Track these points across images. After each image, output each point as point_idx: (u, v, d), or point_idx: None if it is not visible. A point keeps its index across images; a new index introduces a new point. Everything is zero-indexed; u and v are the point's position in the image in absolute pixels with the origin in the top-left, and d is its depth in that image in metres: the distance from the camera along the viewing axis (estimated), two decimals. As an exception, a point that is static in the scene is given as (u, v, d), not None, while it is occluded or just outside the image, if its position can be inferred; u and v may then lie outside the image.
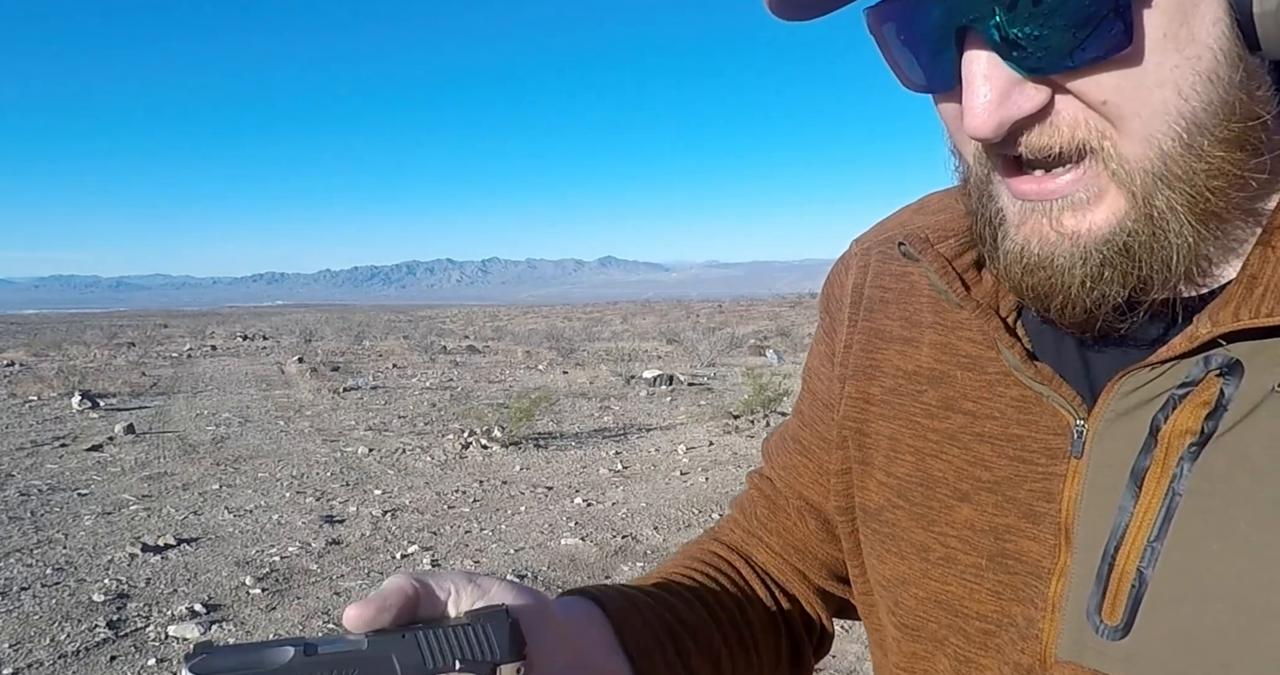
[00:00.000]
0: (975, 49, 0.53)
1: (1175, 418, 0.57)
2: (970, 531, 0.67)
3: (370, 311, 65.56)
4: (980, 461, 0.67)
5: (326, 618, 4.61)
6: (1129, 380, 0.59)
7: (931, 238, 0.72)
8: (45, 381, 13.78)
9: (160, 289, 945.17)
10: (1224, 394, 0.56)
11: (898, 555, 0.73)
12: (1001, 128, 0.53)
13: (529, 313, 57.75)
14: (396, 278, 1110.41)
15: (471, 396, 12.79)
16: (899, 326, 0.76)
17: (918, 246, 0.71)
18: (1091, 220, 0.55)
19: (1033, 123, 0.54)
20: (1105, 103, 0.52)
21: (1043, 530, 0.63)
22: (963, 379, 0.70)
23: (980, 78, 0.53)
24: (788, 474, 0.88)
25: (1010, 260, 0.59)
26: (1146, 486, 0.58)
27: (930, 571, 0.70)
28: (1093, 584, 0.59)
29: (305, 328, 33.69)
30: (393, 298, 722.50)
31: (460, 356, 20.70)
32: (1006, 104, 0.53)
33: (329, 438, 9.69)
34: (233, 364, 19.27)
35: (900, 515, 0.73)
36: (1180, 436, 0.57)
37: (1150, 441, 0.58)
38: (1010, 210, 0.59)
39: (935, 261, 0.69)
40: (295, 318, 50.28)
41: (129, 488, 7.35)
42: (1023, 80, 0.52)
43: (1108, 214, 0.54)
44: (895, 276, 0.79)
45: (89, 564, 5.42)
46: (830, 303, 0.86)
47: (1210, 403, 0.56)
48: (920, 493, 0.71)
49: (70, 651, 4.19)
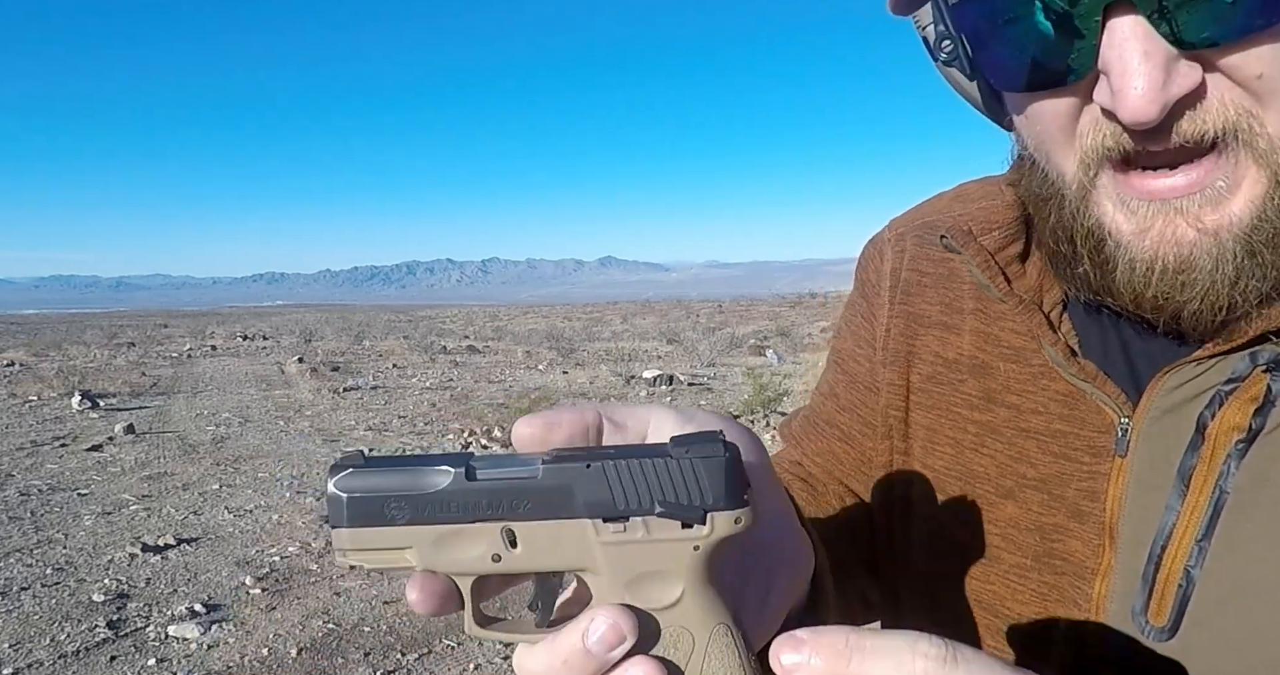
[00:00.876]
0: (1129, 23, 0.48)
1: (1222, 414, 0.56)
2: (1014, 530, 0.66)
3: (370, 311, 65.53)
4: (1024, 458, 0.66)
5: (326, 617, 4.61)
6: (1173, 376, 0.58)
7: (974, 229, 0.69)
8: (45, 381, 13.77)
9: (160, 289, 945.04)
10: (1271, 390, 0.55)
11: (935, 553, 0.71)
12: (1165, 109, 0.48)
13: (529, 313, 57.71)
14: (396, 278, 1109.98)
15: (471, 396, 12.78)
16: (938, 311, 0.74)
17: (960, 239, 0.68)
18: (1232, 211, 0.52)
19: (1185, 107, 0.50)
20: (1260, 76, 0.49)
21: (1088, 530, 0.62)
22: (1005, 371, 0.68)
23: (1139, 56, 0.48)
24: (826, 461, 0.84)
25: (1137, 271, 0.55)
26: (1194, 485, 0.57)
27: (971, 570, 0.68)
28: (1138, 585, 0.58)
29: (305, 328, 33.66)
30: (393, 298, 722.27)
31: (460, 356, 20.68)
32: (1169, 83, 0.48)
33: (329, 438, 9.68)
34: (233, 364, 19.25)
35: (937, 510, 0.71)
36: (1227, 433, 0.56)
37: (1197, 439, 0.57)
38: (1120, 218, 0.55)
39: (978, 254, 0.67)
40: (295, 318, 50.24)
41: (129, 488, 7.34)
42: (1177, 57, 0.48)
43: (1247, 201, 0.51)
44: (933, 261, 0.76)
45: (89, 564, 5.42)
46: (867, 287, 0.83)
47: (1258, 399, 0.55)
48: (958, 487, 0.69)
49: (70, 651, 4.18)
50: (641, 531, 0.42)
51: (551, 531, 0.43)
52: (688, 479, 0.42)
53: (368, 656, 4.15)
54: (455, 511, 0.43)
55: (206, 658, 4.15)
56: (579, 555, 0.43)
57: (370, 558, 0.43)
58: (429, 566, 0.43)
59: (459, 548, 0.43)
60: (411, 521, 0.43)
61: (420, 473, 0.43)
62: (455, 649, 4.26)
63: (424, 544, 0.43)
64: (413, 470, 0.43)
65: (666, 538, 0.42)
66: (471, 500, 0.42)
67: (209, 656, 4.17)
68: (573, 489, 0.42)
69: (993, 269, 0.67)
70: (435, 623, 4.54)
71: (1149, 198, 0.53)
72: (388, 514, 0.43)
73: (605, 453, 0.43)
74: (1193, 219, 0.52)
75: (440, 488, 0.42)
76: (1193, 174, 0.52)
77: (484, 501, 0.42)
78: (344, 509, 0.43)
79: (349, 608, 4.76)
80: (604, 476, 0.42)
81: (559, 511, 0.42)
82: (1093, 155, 0.54)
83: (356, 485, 0.43)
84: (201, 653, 4.21)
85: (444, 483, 0.42)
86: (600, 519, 0.42)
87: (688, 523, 0.42)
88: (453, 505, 0.42)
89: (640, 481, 0.42)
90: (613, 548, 0.42)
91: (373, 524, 0.43)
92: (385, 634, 4.42)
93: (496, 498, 0.42)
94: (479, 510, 0.43)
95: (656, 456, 0.42)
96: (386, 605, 4.78)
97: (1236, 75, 0.49)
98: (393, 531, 0.43)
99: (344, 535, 0.43)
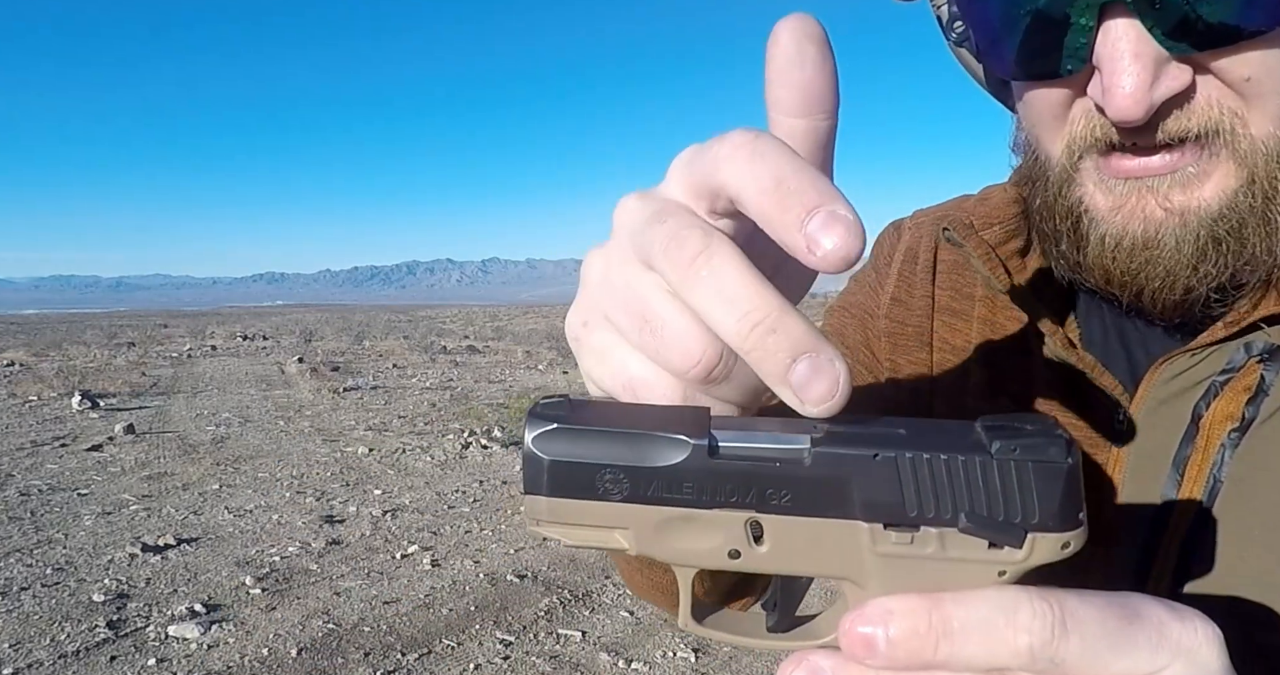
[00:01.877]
0: (1122, 25, 0.49)
1: (1216, 404, 0.57)
2: None
3: (370, 311, 65.56)
4: None
5: (326, 617, 4.60)
6: (1169, 367, 0.59)
7: (976, 224, 0.71)
8: (45, 381, 13.77)
9: (160, 289, 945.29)
10: (1264, 380, 0.56)
11: None
12: (1151, 110, 0.50)
13: (529, 313, 57.71)
14: (396, 278, 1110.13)
15: (471, 396, 12.78)
16: (949, 298, 0.75)
17: (962, 232, 0.70)
18: (1201, 196, 0.53)
19: (1173, 107, 0.51)
20: (1249, 79, 0.50)
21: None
22: (1009, 361, 0.69)
23: (1130, 55, 0.49)
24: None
25: (1106, 245, 0.56)
26: (1188, 474, 0.57)
27: None
28: (1133, 576, 0.59)
29: (305, 328, 33.67)
30: (393, 298, 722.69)
31: (460, 356, 20.68)
32: (1157, 84, 0.49)
33: (329, 438, 9.68)
34: (233, 364, 19.25)
35: None
36: (1221, 423, 0.57)
37: (1192, 429, 0.58)
38: (1099, 196, 0.56)
39: (979, 247, 0.69)
40: (295, 318, 50.26)
41: (129, 488, 7.34)
42: (1168, 59, 0.49)
43: (1217, 190, 0.52)
44: (947, 249, 0.78)
45: (89, 564, 5.41)
46: (879, 261, 0.84)
47: (1251, 388, 0.56)
48: None
49: (70, 651, 4.18)
50: (934, 546, 0.33)
51: (812, 531, 0.34)
52: (1007, 486, 0.32)
53: (368, 656, 4.15)
54: (690, 494, 0.34)
55: (206, 658, 4.15)
56: (843, 563, 0.34)
57: (571, 533, 0.36)
58: (645, 552, 0.35)
59: (688, 536, 0.35)
60: (630, 499, 0.34)
61: (649, 441, 0.34)
62: (455, 649, 4.26)
63: (643, 526, 0.35)
64: (639, 436, 0.34)
65: (966, 557, 0.33)
66: (713, 483, 0.33)
67: (209, 656, 4.16)
68: (850, 483, 0.33)
69: (993, 261, 0.68)
70: (435, 623, 4.55)
71: (1125, 176, 0.55)
72: (600, 487, 0.34)
73: (897, 437, 0.33)
74: (1162, 198, 0.53)
75: (674, 463, 0.33)
76: (1170, 158, 0.53)
77: (729, 486, 0.33)
78: (543, 474, 0.34)
79: (349, 608, 4.75)
80: (895, 472, 0.33)
81: (828, 508, 0.33)
82: (1080, 143, 0.56)
83: (562, 448, 0.34)
84: (201, 653, 4.21)
85: (679, 457, 0.33)
86: (881, 524, 0.33)
87: (999, 544, 0.33)
88: (688, 486, 0.34)
89: (943, 483, 0.33)
90: (892, 561, 0.34)
91: (580, 496, 0.34)
92: (385, 634, 4.42)
93: (747, 483, 0.33)
94: (721, 496, 0.34)
95: (970, 453, 0.33)
96: (386, 605, 4.78)
97: (1225, 77, 0.50)
98: (605, 507, 0.34)
99: (540, 504, 0.35)
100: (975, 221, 0.71)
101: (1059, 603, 0.32)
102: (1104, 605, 0.33)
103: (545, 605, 4.76)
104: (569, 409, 0.35)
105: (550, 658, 4.16)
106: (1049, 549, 0.33)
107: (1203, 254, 0.53)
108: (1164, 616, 0.33)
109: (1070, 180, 0.58)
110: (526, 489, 0.35)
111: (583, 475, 0.34)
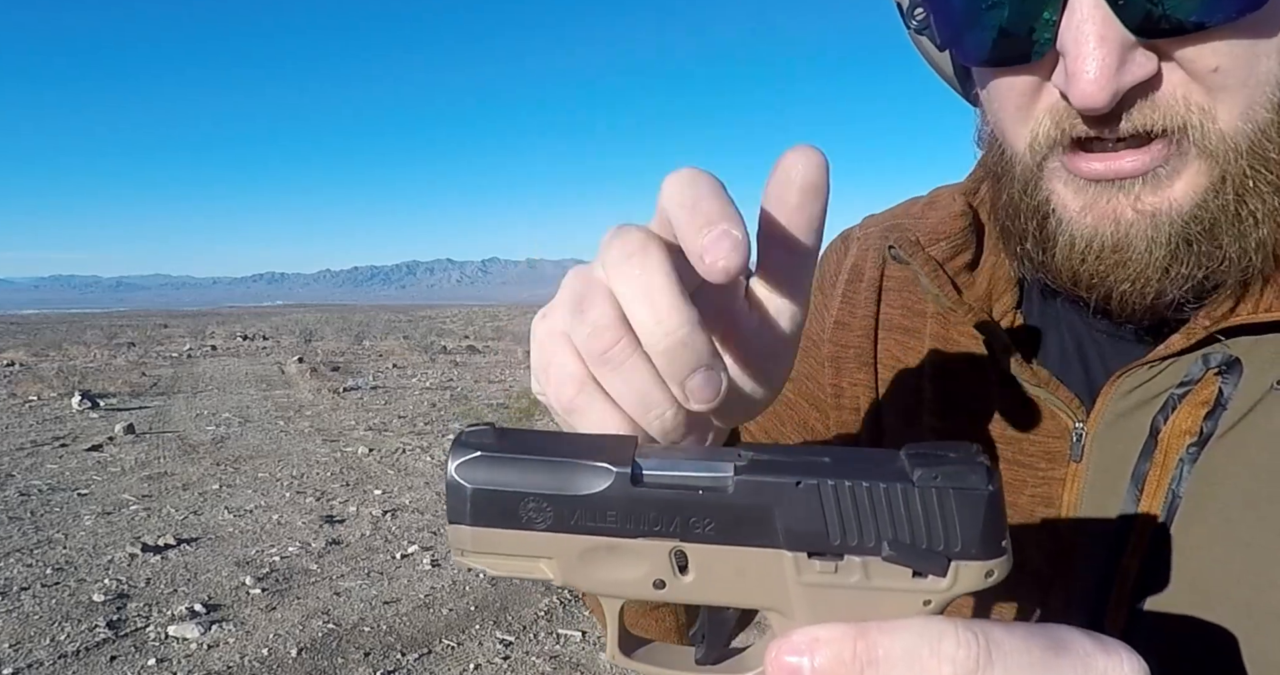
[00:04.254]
0: (1088, 6, 0.48)
1: (1174, 418, 0.56)
2: None
3: (370, 311, 65.54)
4: None
5: (326, 617, 4.60)
6: (1127, 380, 0.58)
7: (922, 240, 0.70)
8: (45, 381, 13.77)
9: (160, 289, 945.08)
10: (1222, 393, 0.55)
11: None
12: (1116, 97, 0.49)
13: (529, 313, 57.64)
14: (396, 278, 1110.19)
15: (471, 396, 12.77)
16: (899, 314, 0.74)
17: (908, 249, 0.69)
18: (1173, 196, 0.52)
19: (1138, 95, 0.50)
20: (1216, 70, 0.49)
21: (1043, 537, 0.62)
22: (962, 377, 0.68)
23: (1095, 39, 0.48)
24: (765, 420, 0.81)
25: (1075, 248, 0.55)
26: (1147, 489, 0.57)
27: None
28: (1093, 593, 0.58)
29: (305, 328, 33.65)
30: (393, 298, 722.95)
31: (460, 356, 20.68)
32: (1123, 70, 0.48)
33: (329, 438, 9.68)
34: (232, 364, 19.25)
35: None
36: (1179, 437, 0.56)
37: (1150, 443, 0.57)
38: (1068, 197, 0.55)
39: (926, 264, 0.67)
40: (295, 318, 50.21)
41: (129, 488, 7.34)
42: (1135, 45, 0.48)
43: (1189, 189, 0.51)
44: (896, 265, 0.76)
45: (89, 564, 5.41)
46: (824, 280, 0.82)
47: (1209, 402, 0.55)
48: None
49: (70, 651, 4.18)
50: (858, 575, 0.33)
51: (737, 560, 0.34)
52: (930, 514, 0.32)
53: (368, 656, 4.15)
54: (614, 523, 0.34)
55: (206, 658, 4.15)
56: (767, 593, 0.34)
57: (496, 563, 0.36)
58: (570, 583, 0.35)
59: (613, 566, 0.35)
60: (554, 529, 0.34)
61: (572, 469, 0.34)
62: (455, 649, 4.25)
63: (568, 556, 0.35)
64: (561, 464, 0.34)
65: (890, 586, 0.33)
66: (637, 511, 0.33)
67: (209, 656, 4.16)
68: (773, 511, 0.33)
69: (941, 278, 0.67)
70: (435, 623, 4.55)
71: (1096, 178, 0.53)
72: (524, 516, 0.34)
73: (821, 465, 0.33)
74: (1133, 199, 0.52)
75: (597, 491, 0.33)
76: (1140, 159, 0.52)
77: (652, 514, 0.33)
78: (467, 503, 0.34)
79: (349, 608, 4.75)
80: (818, 500, 0.32)
81: (751, 537, 0.33)
82: (1045, 137, 0.55)
83: (485, 476, 0.34)
84: (201, 653, 4.20)
85: (601, 485, 0.33)
86: (805, 553, 0.33)
87: (922, 572, 0.33)
88: (611, 514, 0.34)
89: (866, 511, 0.32)
90: (818, 591, 0.33)
91: (503, 525, 0.34)
92: (385, 634, 4.42)
93: (670, 511, 0.33)
94: (645, 525, 0.34)
95: (892, 480, 0.32)
96: (386, 605, 4.78)
97: (1192, 68, 0.49)
98: (529, 537, 0.34)
99: (465, 534, 0.35)
100: (922, 238, 0.70)
101: (984, 633, 0.32)
102: (1029, 636, 0.33)
103: (545, 605, 4.76)
104: (495, 437, 0.35)
105: (550, 658, 4.16)
106: (973, 578, 0.33)
107: (1174, 256, 0.52)
108: (1089, 648, 0.33)
109: (1037, 178, 0.57)
110: (450, 518, 0.35)
111: (506, 504, 0.34)
